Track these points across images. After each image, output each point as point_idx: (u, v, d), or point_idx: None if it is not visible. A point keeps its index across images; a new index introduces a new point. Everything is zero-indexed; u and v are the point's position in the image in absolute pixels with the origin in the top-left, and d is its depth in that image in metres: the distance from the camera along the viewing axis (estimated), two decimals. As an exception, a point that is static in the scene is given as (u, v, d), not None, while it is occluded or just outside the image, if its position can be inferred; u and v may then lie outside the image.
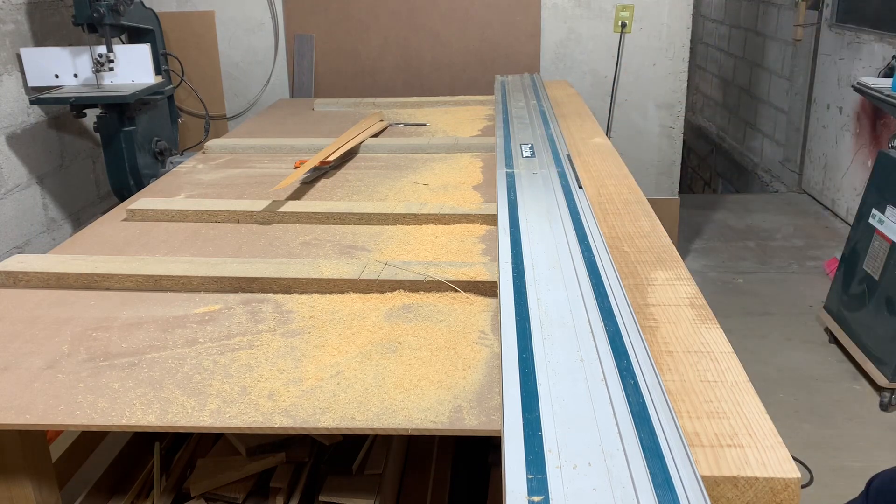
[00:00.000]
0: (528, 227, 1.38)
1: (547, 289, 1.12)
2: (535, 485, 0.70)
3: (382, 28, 4.14)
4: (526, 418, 0.80)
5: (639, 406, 0.81)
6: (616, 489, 0.69)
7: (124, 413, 0.99)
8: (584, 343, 0.96)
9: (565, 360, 0.92)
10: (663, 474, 0.71)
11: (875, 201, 2.67)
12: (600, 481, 0.70)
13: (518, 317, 1.04)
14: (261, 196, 1.86)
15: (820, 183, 4.49)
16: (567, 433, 0.77)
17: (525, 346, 0.96)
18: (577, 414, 0.80)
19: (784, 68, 4.96)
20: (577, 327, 1.00)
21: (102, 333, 1.20)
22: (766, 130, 5.35)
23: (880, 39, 3.74)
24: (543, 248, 1.28)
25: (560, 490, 0.69)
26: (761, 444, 0.79)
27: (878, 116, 3.80)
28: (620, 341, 0.96)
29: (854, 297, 2.75)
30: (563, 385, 0.86)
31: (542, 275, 1.17)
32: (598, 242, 1.29)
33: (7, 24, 3.01)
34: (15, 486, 1.15)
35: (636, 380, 0.86)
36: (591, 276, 1.16)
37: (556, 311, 1.05)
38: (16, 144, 3.06)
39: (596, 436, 0.76)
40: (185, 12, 4.10)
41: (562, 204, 1.51)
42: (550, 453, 0.74)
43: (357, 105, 2.95)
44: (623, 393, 0.84)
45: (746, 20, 5.64)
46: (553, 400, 0.83)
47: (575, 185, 1.61)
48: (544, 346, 0.95)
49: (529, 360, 0.92)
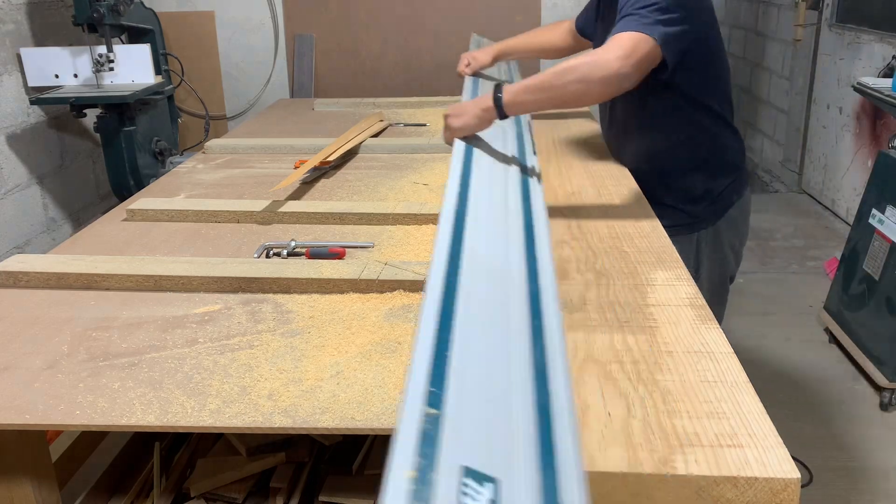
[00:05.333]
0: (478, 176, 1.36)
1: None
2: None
3: (382, 28, 4.14)
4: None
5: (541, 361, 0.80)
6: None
7: (124, 413, 0.99)
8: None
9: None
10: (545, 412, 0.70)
11: (875, 201, 2.67)
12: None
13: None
14: (261, 196, 1.85)
15: (820, 183, 4.49)
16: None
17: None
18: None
19: (784, 68, 4.96)
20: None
21: (102, 333, 1.20)
22: (766, 130, 5.35)
23: (880, 39, 3.74)
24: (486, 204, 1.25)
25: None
26: (761, 445, 0.79)
27: (878, 116, 3.80)
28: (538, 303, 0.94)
29: (854, 297, 2.75)
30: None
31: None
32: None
33: (7, 24, 3.01)
34: (15, 486, 1.15)
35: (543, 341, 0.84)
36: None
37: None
38: (16, 144, 3.06)
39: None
40: (185, 12, 4.10)
41: (514, 159, 1.51)
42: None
43: (357, 105, 2.95)
44: (530, 348, 0.83)
45: (746, 20, 5.64)
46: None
47: (529, 144, 1.61)
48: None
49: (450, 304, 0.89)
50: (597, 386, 0.90)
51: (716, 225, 1.67)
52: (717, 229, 1.67)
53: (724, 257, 1.71)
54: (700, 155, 1.65)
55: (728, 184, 1.66)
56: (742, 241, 1.75)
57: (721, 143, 1.65)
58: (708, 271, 1.68)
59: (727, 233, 1.69)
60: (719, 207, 1.67)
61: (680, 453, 0.77)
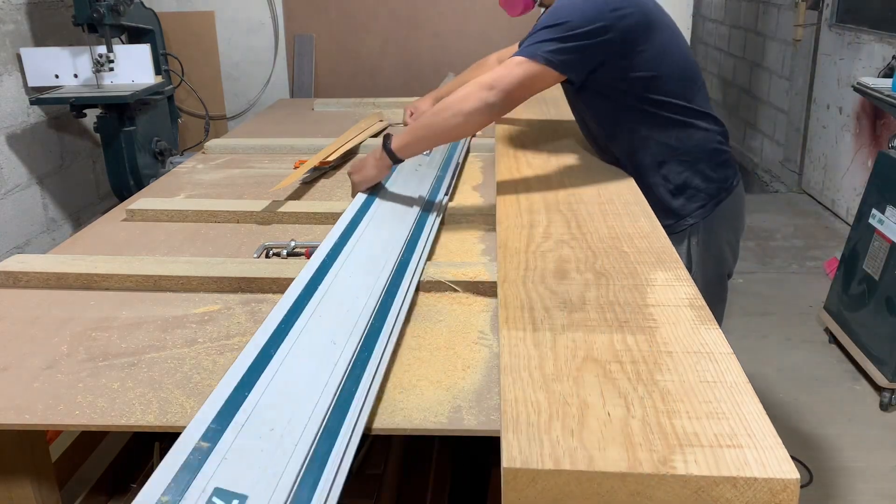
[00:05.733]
0: (371, 218, 1.54)
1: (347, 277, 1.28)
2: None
3: (382, 28, 4.14)
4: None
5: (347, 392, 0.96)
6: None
7: (124, 413, 0.99)
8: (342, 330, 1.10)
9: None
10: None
11: (875, 201, 2.67)
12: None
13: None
14: (260, 196, 1.86)
15: (820, 183, 4.49)
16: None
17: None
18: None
19: (784, 68, 4.96)
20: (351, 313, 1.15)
21: (102, 333, 1.20)
22: (766, 130, 5.35)
23: (880, 39, 3.74)
24: (369, 241, 1.42)
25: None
26: (760, 445, 0.79)
27: (878, 116, 3.80)
28: (377, 335, 1.10)
29: (854, 297, 2.75)
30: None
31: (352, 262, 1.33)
32: (428, 237, 1.47)
33: (7, 24, 3.01)
34: (15, 486, 1.15)
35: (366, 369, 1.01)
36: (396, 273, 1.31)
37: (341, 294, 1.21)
38: (16, 144, 3.06)
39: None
40: (185, 12, 4.10)
41: (420, 200, 1.66)
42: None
43: (357, 105, 2.95)
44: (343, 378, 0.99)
45: (746, 20, 5.64)
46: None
47: (446, 183, 1.76)
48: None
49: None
50: (596, 386, 0.90)
51: (706, 220, 1.67)
52: (708, 225, 1.67)
53: (720, 253, 1.71)
54: (664, 151, 1.65)
55: (707, 178, 1.66)
56: (737, 237, 1.75)
57: (686, 137, 1.65)
58: (701, 268, 1.68)
59: (719, 228, 1.69)
60: (704, 202, 1.67)
61: (679, 453, 0.77)
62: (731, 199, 1.69)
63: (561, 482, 0.76)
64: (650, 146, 1.66)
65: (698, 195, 1.67)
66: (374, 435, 0.96)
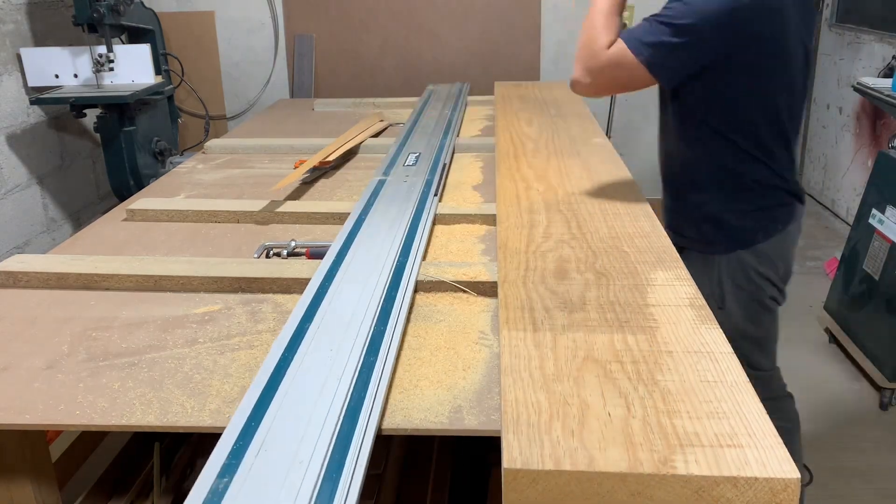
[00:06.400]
0: (366, 230, 1.52)
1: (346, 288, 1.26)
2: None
3: (382, 28, 4.14)
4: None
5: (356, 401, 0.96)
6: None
7: (124, 413, 0.99)
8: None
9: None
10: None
11: (875, 201, 2.67)
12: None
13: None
14: (260, 196, 1.86)
15: (820, 183, 4.49)
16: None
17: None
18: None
19: (784, 68, 4.95)
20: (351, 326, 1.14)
21: (102, 333, 1.20)
22: (766, 130, 5.34)
23: (880, 39, 3.74)
24: (364, 252, 1.40)
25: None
26: (761, 445, 0.79)
27: (878, 116, 3.80)
28: (380, 341, 1.09)
29: (854, 297, 2.75)
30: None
31: (350, 276, 1.30)
32: (419, 249, 1.43)
33: (7, 24, 3.01)
34: (15, 486, 1.15)
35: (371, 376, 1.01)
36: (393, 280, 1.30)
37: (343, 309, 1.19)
38: (16, 144, 3.06)
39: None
40: (185, 12, 4.10)
41: (409, 211, 1.62)
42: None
43: (357, 105, 2.95)
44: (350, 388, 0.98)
45: (746, 20, 5.64)
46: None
47: (432, 194, 1.74)
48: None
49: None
50: (597, 386, 0.90)
51: (736, 253, 1.62)
52: (739, 258, 1.62)
53: (754, 284, 1.65)
54: (712, 178, 1.59)
55: (749, 215, 1.60)
56: (778, 272, 1.66)
57: (741, 173, 1.57)
58: (733, 295, 1.64)
59: (754, 263, 1.62)
60: (738, 238, 1.61)
61: (680, 453, 0.77)
62: (774, 242, 1.62)
63: (561, 482, 0.76)
64: (693, 169, 1.61)
65: (732, 232, 1.62)
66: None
